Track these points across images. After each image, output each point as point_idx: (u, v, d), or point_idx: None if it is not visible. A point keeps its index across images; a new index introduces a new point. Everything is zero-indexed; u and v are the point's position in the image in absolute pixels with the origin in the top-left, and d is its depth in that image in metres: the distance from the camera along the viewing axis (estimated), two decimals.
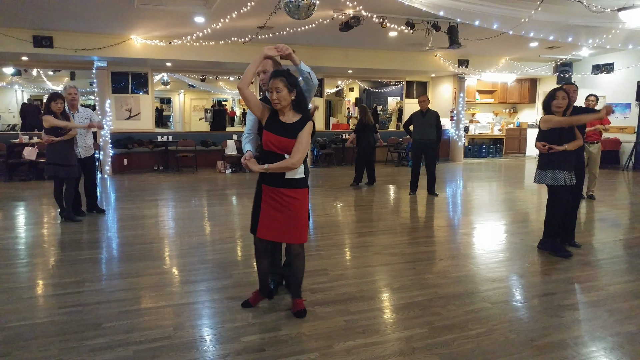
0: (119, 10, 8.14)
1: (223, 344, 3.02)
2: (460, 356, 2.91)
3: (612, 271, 4.58)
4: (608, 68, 13.63)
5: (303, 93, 3.33)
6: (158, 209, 7.59)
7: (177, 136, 12.62)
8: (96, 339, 3.07)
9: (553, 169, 4.82)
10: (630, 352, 2.98)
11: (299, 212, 3.29)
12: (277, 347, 2.99)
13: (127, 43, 10.27)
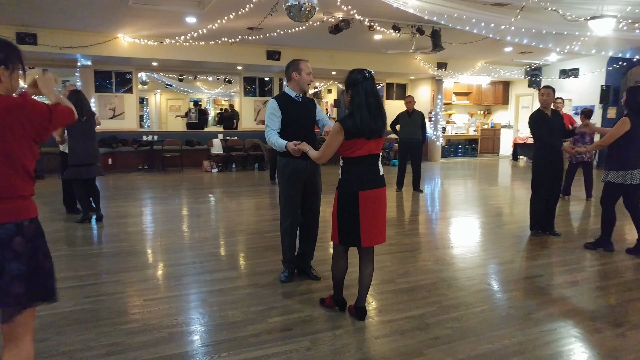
0: (111, 8, 8.19)
1: (253, 325, 3.26)
2: (470, 329, 3.24)
3: (590, 255, 5.02)
4: (574, 73, 14.36)
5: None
6: (155, 207, 7.70)
7: (163, 135, 12.67)
8: (129, 324, 3.27)
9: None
10: (613, 321, 3.38)
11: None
12: (303, 326, 3.25)
13: (114, 42, 10.29)
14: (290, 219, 4.04)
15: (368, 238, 3.21)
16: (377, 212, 3.22)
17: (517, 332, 3.23)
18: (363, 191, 3.15)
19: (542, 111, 5.60)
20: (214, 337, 3.08)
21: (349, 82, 3.16)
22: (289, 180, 3.99)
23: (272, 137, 3.85)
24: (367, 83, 3.10)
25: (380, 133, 3.17)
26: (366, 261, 3.34)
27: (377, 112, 3.12)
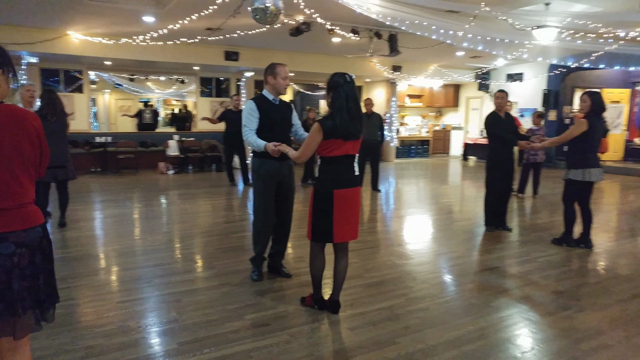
0: (62, 4, 7.89)
1: (230, 322, 3.34)
2: (437, 318, 3.47)
3: (539, 247, 5.40)
4: (519, 77, 15.14)
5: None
6: (114, 210, 7.52)
7: (116, 137, 12.34)
8: (105, 326, 3.26)
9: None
10: (561, 305, 3.71)
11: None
12: (280, 322, 3.37)
13: (63, 39, 9.93)
14: (264, 219, 4.12)
15: (340, 234, 3.35)
16: (350, 210, 3.36)
17: (479, 319, 3.48)
18: (338, 190, 3.29)
19: (496, 113, 5.95)
20: (193, 335, 3.13)
21: (330, 85, 3.29)
22: (263, 181, 4.06)
23: (251, 137, 3.92)
24: (347, 86, 3.25)
25: (358, 135, 3.32)
26: (340, 256, 3.49)
27: (356, 115, 3.27)
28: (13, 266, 1.93)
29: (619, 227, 6.63)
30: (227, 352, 2.91)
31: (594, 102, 5.18)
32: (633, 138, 13.61)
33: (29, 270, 1.98)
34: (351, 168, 3.39)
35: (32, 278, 1.99)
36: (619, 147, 13.49)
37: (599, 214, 7.27)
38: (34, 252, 2.00)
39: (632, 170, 12.28)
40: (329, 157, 3.30)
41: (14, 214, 1.96)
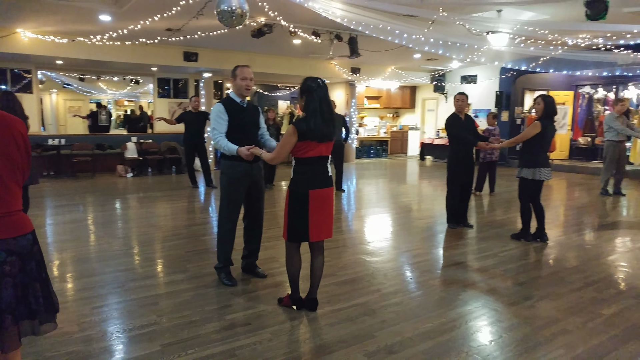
0: (14, 2, 7.60)
1: (211, 323, 3.38)
2: (410, 311, 3.63)
3: (499, 242, 5.69)
4: (473, 79, 15.74)
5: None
6: (76, 215, 7.29)
7: (70, 139, 11.92)
8: (84, 332, 3.23)
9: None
10: (523, 295, 3.96)
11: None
12: (260, 320, 3.43)
13: (12, 37, 9.53)
14: (231, 223, 4.14)
15: (316, 233, 3.44)
16: (325, 210, 3.46)
17: (449, 311, 3.66)
18: (313, 190, 3.39)
19: (457, 115, 6.21)
20: (176, 336, 3.15)
21: (304, 89, 3.37)
22: (233, 184, 4.08)
23: (222, 141, 3.93)
24: (320, 91, 3.35)
25: (331, 137, 3.43)
26: (316, 255, 3.58)
27: (329, 118, 3.37)
28: (4, 274, 1.90)
29: (568, 222, 7.06)
30: (212, 351, 2.95)
31: (547, 105, 5.51)
32: (577, 138, 14.42)
33: (20, 279, 1.95)
34: (325, 169, 3.49)
35: (24, 287, 1.97)
36: (564, 146, 14.26)
37: (549, 210, 7.72)
38: (25, 260, 1.98)
39: (577, 168, 13.03)
40: (303, 158, 3.39)
41: (3, 222, 1.94)
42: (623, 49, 9.25)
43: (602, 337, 3.28)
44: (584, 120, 14.49)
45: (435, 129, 17.33)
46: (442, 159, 16.01)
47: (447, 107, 16.77)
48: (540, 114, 5.53)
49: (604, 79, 13.40)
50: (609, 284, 4.33)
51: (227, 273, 4.18)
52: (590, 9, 6.24)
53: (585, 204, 8.48)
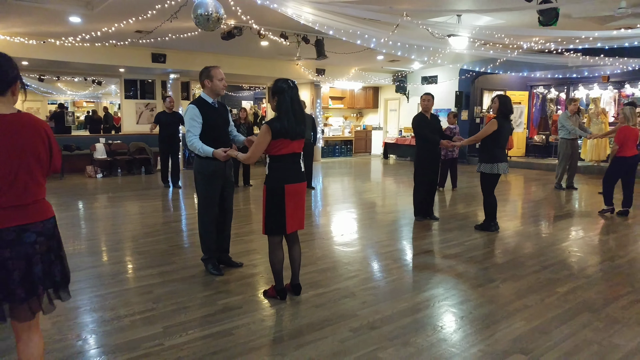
0: None
1: (205, 307, 3.60)
2: (387, 293, 3.97)
3: (463, 233, 6.11)
4: (434, 80, 16.35)
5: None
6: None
7: None
8: (90, 316, 3.38)
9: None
10: (488, 278, 4.37)
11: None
12: (252, 304, 3.68)
13: None
14: (210, 217, 4.32)
15: (291, 225, 3.68)
16: (299, 203, 3.72)
17: (423, 292, 4.01)
18: (288, 184, 3.62)
19: (423, 114, 6.59)
20: (175, 319, 3.36)
21: (275, 90, 3.59)
22: (208, 181, 4.25)
23: (197, 144, 4.06)
24: (292, 91, 3.58)
25: (303, 135, 3.68)
26: (292, 244, 3.82)
27: (300, 117, 3.62)
28: (35, 253, 2.16)
29: (526, 214, 7.60)
30: (210, 331, 3.18)
31: (501, 104, 5.97)
32: (533, 136, 15.24)
33: (47, 256, 2.21)
34: (298, 165, 3.74)
35: (49, 263, 2.23)
36: (521, 144, 15.04)
37: (509, 203, 8.26)
38: (50, 240, 2.24)
39: (533, 165, 13.79)
40: (277, 155, 3.61)
41: (33, 209, 2.19)
42: (573, 52, 9.95)
43: (557, 310, 3.69)
44: (539, 119, 15.31)
45: (397, 128, 17.86)
46: (405, 157, 16.57)
47: (409, 107, 17.36)
48: (496, 112, 5.98)
49: (556, 80, 14.23)
50: (563, 267, 4.78)
51: (213, 264, 4.40)
52: (543, 15, 6.76)
53: (541, 197, 9.09)
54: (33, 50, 9.92)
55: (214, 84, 4.20)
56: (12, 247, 2.09)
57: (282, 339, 3.13)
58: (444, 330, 3.32)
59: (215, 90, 4.22)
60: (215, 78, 4.18)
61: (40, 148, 2.19)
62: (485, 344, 3.11)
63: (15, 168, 2.10)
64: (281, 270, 3.79)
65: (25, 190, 2.15)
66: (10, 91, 2.16)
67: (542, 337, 3.21)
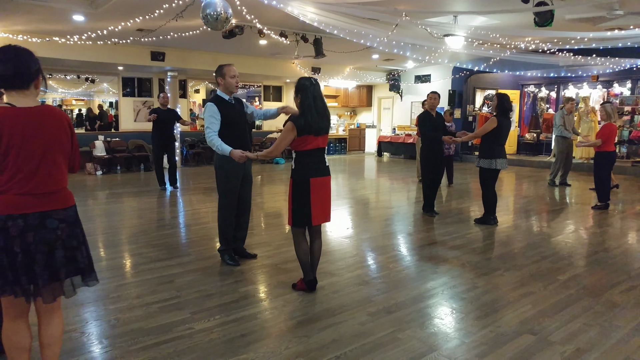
0: None
1: (228, 295, 3.76)
2: (398, 282, 4.16)
3: (464, 226, 6.33)
4: (427, 78, 16.59)
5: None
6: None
7: None
8: (116, 304, 3.52)
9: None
10: (492, 268, 4.58)
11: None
12: (272, 291, 3.87)
13: None
14: (229, 210, 4.47)
15: (317, 218, 3.81)
16: (324, 196, 3.86)
17: (431, 281, 4.21)
18: (313, 178, 3.77)
19: (428, 112, 6.78)
20: (200, 306, 3.52)
21: (298, 87, 3.74)
22: (228, 176, 4.39)
23: (216, 141, 4.16)
24: (314, 88, 3.73)
25: (327, 130, 3.85)
26: (314, 238, 3.93)
27: (323, 113, 3.77)
28: (57, 238, 2.30)
29: (521, 209, 7.84)
30: (236, 316, 3.34)
31: (500, 101, 6.20)
32: (524, 134, 15.56)
33: (69, 243, 2.35)
34: (322, 159, 3.89)
35: (72, 249, 2.36)
36: (512, 141, 15.35)
37: (503, 199, 8.50)
38: (72, 227, 2.38)
39: (524, 162, 14.10)
40: (303, 150, 3.77)
41: (56, 196, 2.33)
42: (566, 52, 10.22)
43: (560, 296, 3.91)
44: (530, 117, 15.64)
45: (391, 126, 18.09)
46: (399, 155, 16.80)
47: (402, 106, 17.60)
48: (495, 109, 6.21)
49: (547, 79, 14.55)
50: (561, 257, 5.00)
51: (229, 255, 4.56)
52: (538, 16, 7.00)
53: (534, 193, 9.35)
54: (35, 48, 9.83)
55: (226, 81, 4.34)
56: (35, 231, 2.23)
57: (305, 322, 3.30)
58: (455, 314, 3.51)
59: (228, 87, 4.36)
60: (228, 75, 4.32)
61: (63, 139, 2.34)
62: (496, 325, 3.31)
63: (40, 157, 2.25)
64: (308, 260, 3.85)
65: (49, 179, 2.29)
66: (33, 85, 2.30)
67: (548, 320, 3.42)
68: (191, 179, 11.16)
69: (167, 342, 2.96)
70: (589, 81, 13.63)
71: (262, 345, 2.96)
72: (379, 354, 2.87)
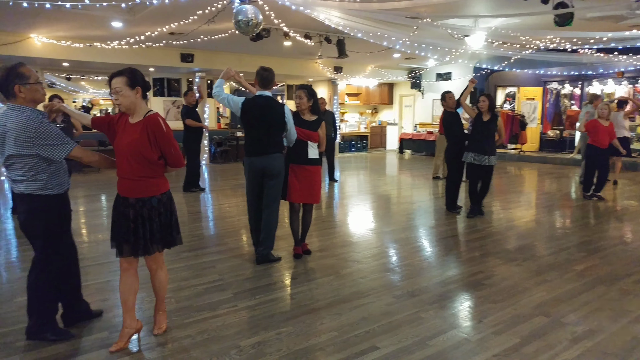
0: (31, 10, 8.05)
1: (265, 278, 4.15)
2: (422, 269, 4.47)
3: (484, 221, 6.57)
4: (448, 76, 16.74)
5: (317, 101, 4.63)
6: (98, 204, 7.83)
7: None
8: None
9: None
10: (512, 256, 4.84)
11: (317, 181, 4.60)
12: (304, 276, 4.23)
13: (25, 42, 9.99)
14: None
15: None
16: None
17: (453, 268, 4.50)
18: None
19: (456, 113, 6.99)
20: (241, 287, 3.92)
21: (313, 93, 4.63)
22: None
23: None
24: None
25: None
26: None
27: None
28: (158, 213, 2.90)
29: (540, 205, 8.03)
30: (274, 296, 3.71)
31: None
32: (547, 131, 15.60)
33: (163, 218, 2.91)
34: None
35: (165, 225, 2.93)
36: (535, 138, 15.40)
37: (524, 195, 8.68)
38: (166, 207, 2.93)
39: (547, 159, 14.15)
40: None
41: (155, 182, 2.89)
42: (588, 50, 10.30)
43: (575, 284, 4.15)
44: (553, 114, 15.63)
45: (412, 124, 18.28)
46: (420, 152, 17.00)
47: (424, 103, 17.77)
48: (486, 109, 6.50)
49: (570, 76, 14.55)
50: (579, 250, 5.22)
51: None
52: (558, 16, 7.18)
53: (557, 189, 9.50)
54: (76, 53, 10.54)
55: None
56: (134, 209, 2.82)
57: (336, 303, 3.64)
58: (475, 297, 3.81)
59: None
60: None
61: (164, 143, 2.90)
62: (512, 308, 3.59)
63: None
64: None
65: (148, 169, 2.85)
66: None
67: (562, 304, 3.68)
68: (219, 176, 11.60)
69: (215, 317, 3.35)
70: (614, 77, 13.62)
71: (300, 320, 3.31)
72: (404, 329, 3.19)
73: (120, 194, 2.86)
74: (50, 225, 2.92)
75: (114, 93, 2.78)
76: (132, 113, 2.86)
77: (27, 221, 2.93)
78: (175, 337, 3.07)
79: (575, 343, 3.05)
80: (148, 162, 2.80)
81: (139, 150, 2.76)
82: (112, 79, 2.80)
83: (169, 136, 2.83)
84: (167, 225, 2.94)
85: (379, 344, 3.00)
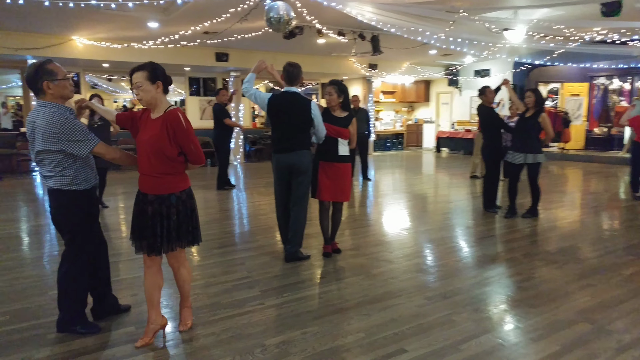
0: (73, 12, 8.29)
1: (292, 276, 4.09)
2: (456, 270, 4.30)
3: (523, 221, 6.30)
4: (486, 73, 16.27)
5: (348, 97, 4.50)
6: (129, 201, 7.98)
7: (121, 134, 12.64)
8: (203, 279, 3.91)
9: None
10: (552, 258, 4.60)
11: (347, 179, 4.49)
12: (331, 275, 4.13)
13: (68, 44, 10.33)
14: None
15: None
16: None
17: (488, 270, 4.31)
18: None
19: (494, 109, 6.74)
20: (269, 285, 3.87)
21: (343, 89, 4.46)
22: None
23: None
24: None
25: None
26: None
27: None
28: (177, 211, 2.83)
29: (584, 205, 7.66)
30: (302, 295, 3.64)
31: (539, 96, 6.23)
32: (593, 128, 14.92)
33: (181, 216, 2.85)
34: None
35: (179, 224, 2.86)
36: (580, 136, 14.76)
37: (567, 195, 8.30)
38: (185, 205, 2.87)
39: (593, 158, 13.54)
40: None
41: (175, 179, 2.83)
42: (638, 41, 9.76)
43: (622, 289, 3.89)
44: (600, 111, 14.92)
45: (450, 121, 17.88)
46: (458, 151, 16.60)
47: (461, 101, 17.35)
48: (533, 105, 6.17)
49: (619, 70, 13.83)
50: (627, 252, 4.90)
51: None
52: (605, 6, 6.82)
53: (604, 189, 9.06)
54: (115, 54, 10.82)
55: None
56: (153, 206, 2.78)
57: (365, 303, 3.53)
58: (511, 300, 3.62)
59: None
60: None
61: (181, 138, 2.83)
62: (552, 313, 3.39)
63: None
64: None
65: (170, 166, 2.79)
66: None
67: (607, 311, 3.45)
68: (253, 174, 11.66)
69: (242, 315, 3.30)
70: None
71: (327, 320, 3.22)
72: (434, 332, 3.06)
73: (141, 190, 2.85)
74: (78, 220, 2.95)
75: (135, 88, 2.76)
76: (154, 108, 2.83)
77: (57, 216, 2.98)
78: (200, 334, 3.04)
79: (621, 352, 2.84)
80: (167, 159, 2.76)
81: (159, 145, 2.73)
82: (133, 74, 2.77)
83: (188, 132, 2.78)
84: (186, 223, 2.88)
85: (407, 346, 2.87)
